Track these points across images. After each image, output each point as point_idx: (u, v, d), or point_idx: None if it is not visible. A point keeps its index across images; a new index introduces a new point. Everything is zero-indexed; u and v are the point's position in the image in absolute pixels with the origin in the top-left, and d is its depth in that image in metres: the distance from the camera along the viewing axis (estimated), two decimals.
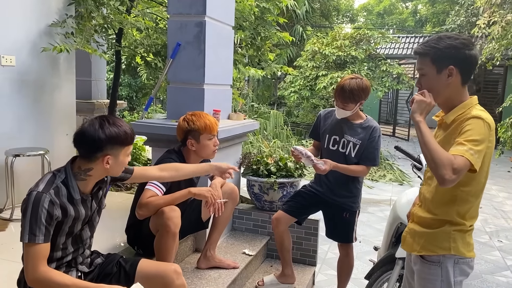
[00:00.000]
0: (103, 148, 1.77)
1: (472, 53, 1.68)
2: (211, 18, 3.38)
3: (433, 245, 1.79)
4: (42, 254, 1.69)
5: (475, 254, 1.86)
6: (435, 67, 1.71)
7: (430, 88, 1.73)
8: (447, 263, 1.77)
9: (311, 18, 16.62)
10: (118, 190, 4.65)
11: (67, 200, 1.77)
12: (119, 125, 1.81)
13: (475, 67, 1.72)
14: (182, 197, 2.52)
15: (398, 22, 27.30)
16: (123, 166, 1.90)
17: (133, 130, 1.89)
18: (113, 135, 1.77)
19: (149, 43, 4.80)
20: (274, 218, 3.11)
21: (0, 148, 3.53)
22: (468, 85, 1.79)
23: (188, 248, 3.29)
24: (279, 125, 10.63)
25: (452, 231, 1.76)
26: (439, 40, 1.71)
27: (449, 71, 1.68)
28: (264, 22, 5.08)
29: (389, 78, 10.96)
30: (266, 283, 3.21)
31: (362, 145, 2.87)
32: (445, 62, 1.68)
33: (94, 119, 1.82)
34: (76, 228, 1.86)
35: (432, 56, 1.70)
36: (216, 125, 2.73)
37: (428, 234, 1.81)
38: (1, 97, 3.60)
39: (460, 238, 1.77)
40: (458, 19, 14.81)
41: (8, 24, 3.62)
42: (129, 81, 13.86)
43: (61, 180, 1.78)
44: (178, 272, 2.03)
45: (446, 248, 1.76)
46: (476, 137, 1.60)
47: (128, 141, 1.84)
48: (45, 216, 1.68)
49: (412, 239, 1.89)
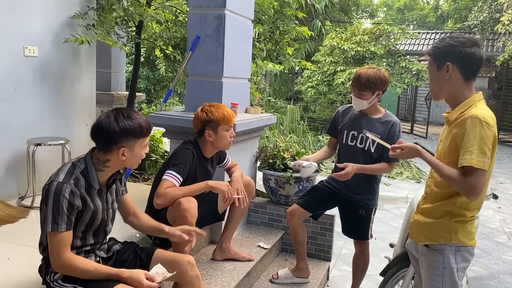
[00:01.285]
0: (118, 140, 1.81)
1: (469, 51, 1.80)
2: (231, 11, 3.38)
3: (435, 234, 1.92)
4: (65, 242, 1.75)
5: (476, 242, 1.97)
6: (436, 65, 1.89)
7: (434, 84, 1.92)
8: (448, 251, 1.90)
9: (330, 13, 16.48)
10: (136, 181, 4.72)
11: (85, 191, 1.82)
12: (133, 117, 1.84)
13: (477, 64, 1.84)
14: (199, 190, 2.55)
15: (418, 18, 26.85)
16: (140, 158, 1.92)
17: (149, 122, 1.91)
18: (127, 127, 1.80)
19: (168, 36, 4.83)
20: (289, 212, 3.11)
21: (22, 137, 3.60)
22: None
23: (204, 240, 3.32)
24: (295, 120, 10.60)
25: (452, 222, 1.88)
26: (441, 40, 1.90)
27: (446, 67, 1.84)
28: (283, 16, 5.06)
29: (409, 75, 10.83)
30: (280, 277, 3.22)
31: (381, 139, 2.83)
32: (443, 59, 1.85)
33: (110, 112, 1.86)
34: (97, 221, 1.90)
35: (433, 55, 1.90)
36: (233, 116, 2.75)
37: (430, 225, 1.94)
38: (23, 87, 3.67)
39: (460, 228, 1.89)
40: (481, 15, 14.51)
41: (32, 15, 3.68)
42: (147, 74, 13.98)
43: (81, 170, 1.83)
44: (192, 263, 2.05)
45: (447, 238, 1.89)
46: (478, 140, 1.73)
47: (143, 133, 1.86)
48: (67, 205, 1.73)
49: (417, 230, 2.02)
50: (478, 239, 4.98)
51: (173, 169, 2.51)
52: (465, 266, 1.94)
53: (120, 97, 5.73)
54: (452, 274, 1.89)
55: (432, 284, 1.93)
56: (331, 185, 3.04)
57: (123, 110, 1.86)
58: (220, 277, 2.84)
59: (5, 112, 3.54)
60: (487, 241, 5.05)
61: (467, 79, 1.86)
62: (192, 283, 2.04)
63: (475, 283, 3.87)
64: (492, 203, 6.47)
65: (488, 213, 6.16)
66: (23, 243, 2.67)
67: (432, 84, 1.94)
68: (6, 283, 2.19)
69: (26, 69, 3.67)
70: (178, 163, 2.55)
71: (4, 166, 3.58)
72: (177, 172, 2.51)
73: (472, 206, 1.89)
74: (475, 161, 1.71)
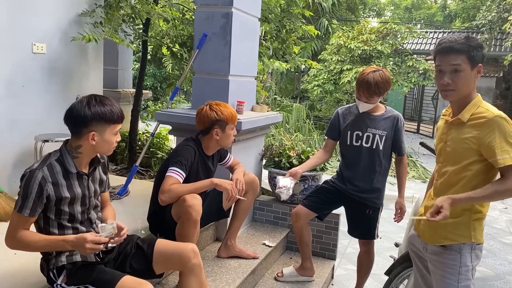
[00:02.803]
0: (88, 124, 1.84)
1: (485, 52, 1.85)
2: (238, 9, 3.38)
3: (455, 234, 1.91)
4: (24, 224, 1.83)
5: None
6: (469, 63, 1.81)
7: (464, 84, 1.83)
8: (465, 250, 1.90)
9: (337, 11, 16.43)
10: (142, 178, 4.74)
11: (62, 177, 1.85)
12: (106, 103, 1.88)
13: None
14: (204, 187, 2.56)
15: (426, 17, 26.69)
16: (111, 145, 1.94)
17: (122, 111, 1.94)
18: (98, 112, 1.84)
19: (175, 33, 4.84)
20: (294, 213, 3.08)
21: (30, 133, 3.63)
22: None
23: (209, 237, 3.33)
24: (301, 119, 10.58)
25: (472, 220, 1.89)
26: (470, 39, 1.82)
27: (478, 68, 1.83)
28: (289, 15, 5.06)
29: (415, 74, 10.78)
30: (285, 275, 3.23)
31: (388, 135, 2.84)
32: (477, 59, 1.81)
33: (83, 97, 1.90)
34: (76, 210, 1.92)
35: (468, 53, 1.80)
36: (236, 114, 2.80)
37: (449, 225, 1.90)
38: (32, 84, 3.70)
39: (478, 226, 1.90)
40: (489, 15, 14.40)
41: (40, 12, 3.70)
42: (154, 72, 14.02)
43: (56, 158, 1.88)
44: (195, 251, 2.08)
45: (467, 237, 1.89)
46: (510, 138, 1.77)
47: (113, 119, 1.89)
48: (36, 191, 1.78)
49: (431, 231, 1.98)
50: (485, 239, 4.96)
51: (176, 166, 2.52)
52: (477, 263, 1.97)
53: (127, 94, 5.76)
54: (467, 272, 1.90)
55: (447, 283, 1.92)
56: (337, 185, 3.01)
57: (96, 96, 1.90)
58: (225, 274, 2.85)
59: (14, 108, 3.57)
60: (493, 241, 5.03)
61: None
62: (194, 272, 2.07)
63: (480, 283, 3.86)
64: (499, 204, 6.43)
65: (494, 213, 6.12)
66: None
67: (461, 83, 1.84)
68: (12, 279, 2.22)
69: (34, 66, 3.70)
70: (180, 159, 2.56)
71: (12, 162, 3.61)
72: (180, 168, 2.52)
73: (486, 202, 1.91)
74: (506, 158, 1.75)
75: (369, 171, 2.88)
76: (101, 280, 1.87)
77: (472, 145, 1.83)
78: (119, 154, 5.27)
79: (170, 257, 2.07)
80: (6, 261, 2.38)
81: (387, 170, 2.98)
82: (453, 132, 1.94)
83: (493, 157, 1.78)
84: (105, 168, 2.13)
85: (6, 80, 3.48)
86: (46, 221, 1.89)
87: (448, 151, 1.95)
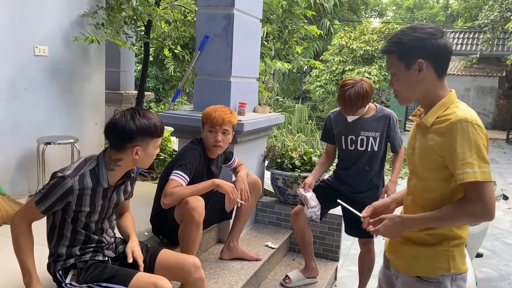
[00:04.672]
0: (133, 139, 1.82)
1: (441, 42, 1.49)
2: (240, 10, 3.38)
3: (432, 266, 1.57)
4: (32, 217, 1.85)
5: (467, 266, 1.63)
6: (403, 63, 1.53)
7: (404, 86, 1.56)
8: (446, 282, 1.57)
9: (339, 12, 16.42)
10: (144, 180, 4.74)
11: (90, 189, 1.83)
12: (149, 117, 1.85)
13: (449, 57, 1.54)
14: (206, 188, 2.55)
15: (428, 17, 26.63)
16: (152, 158, 1.93)
17: (162, 123, 1.92)
18: (144, 126, 1.82)
19: (177, 35, 4.84)
20: (293, 213, 3.08)
21: (32, 135, 3.63)
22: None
23: (212, 239, 3.32)
24: (303, 120, 10.57)
25: (451, 247, 1.56)
26: (403, 33, 1.54)
27: (418, 65, 1.50)
28: (291, 15, 5.06)
29: None
30: (293, 280, 3.18)
31: (381, 135, 2.83)
32: (413, 56, 1.50)
33: (126, 110, 1.87)
34: (93, 219, 1.91)
35: (398, 52, 1.53)
36: (222, 121, 2.63)
37: (424, 253, 1.58)
38: (34, 86, 3.70)
39: (458, 254, 1.57)
40: (491, 14, 14.35)
41: (42, 14, 3.71)
42: (156, 73, 14.03)
43: (91, 168, 1.85)
44: (197, 265, 2.05)
45: (445, 268, 1.56)
46: (476, 148, 1.42)
47: (157, 133, 1.88)
48: (58, 197, 1.78)
49: (403, 259, 1.65)
50: (488, 240, 4.94)
51: (180, 169, 2.52)
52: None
53: (129, 96, 5.76)
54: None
55: None
56: (334, 184, 3.02)
57: (139, 110, 1.88)
58: (227, 276, 2.84)
59: (16, 110, 3.57)
60: (497, 242, 5.01)
61: (441, 76, 1.54)
62: (197, 285, 2.05)
63: (484, 284, 3.84)
64: (502, 204, 6.40)
65: (498, 214, 6.08)
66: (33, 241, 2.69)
67: (399, 87, 1.57)
68: (17, 280, 2.21)
69: (36, 68, 3.71)
70: (185, 163, 2.55)
71: (15, 164, 3.62)
72: (183, 172, 2.51)
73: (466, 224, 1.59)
74: (479, 173, 1.39)
75: (365, 172, 2.88)
76: (116, 277, 1.85)
77: (437, 156, 1.50)
78: None
79: (171, 270, 2.05)
80: (9, 261, 2.38)
81: (383, 167, 2.98)
82: (419, 137, 1.61)
83: (453, 170, 1.44)
84: (133, 180, 2.11)
85: (8, 83, 3.49)
86: (62, 222, 1.89)
87: (414, 161, 1.63)
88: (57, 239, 1.91)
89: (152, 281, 1.82)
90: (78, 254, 1.91)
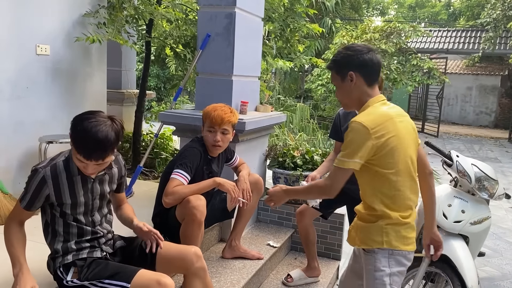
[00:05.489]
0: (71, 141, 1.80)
1: (367, 57, 1.86)
2: (241, 9, 3.38)
3: (369, 238, 1.90)
4: (19, 215, 1.90)
5: (413, 247, 1.93)
6: (339, 77, 1.92)
7: (343, 95, 1.95)
8: (380, 255, 1.87)
9: (341, 10, 16.38)
10: (146, 179, 4.74)
11: (65, 178, 1.85)
12: (88, 137, 1.71)
13: (375, 68, 1.89)
14: (208, 187, 2.55)
15: (430, 15, 26.58)
16: (81, 169, 1.86)
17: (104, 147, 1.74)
18: (76, 136, 1.74)
19: (178, 34, 4.84)
20: (298, 212, 3.09)
21: (34, 134, 3.63)
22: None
23: (214, 238, 3.32)
24: (305, 119, 10.54)
25: (384, 225, 1.86)
26: (338, 53, 1.95)
27: (349, 76, 1.88)
28: (293, 14, 5.05)
29: (420, 73, 10.74)
30: (295, 279, 3.18)
31: None
32: (344, 69, 1.88)
33: (110, 118, 1.79)
34: (79, 211, 1.92)
35: (335, 68, 1.93)
36: (220, 120, 2.61)
37: (365, 228, 1.93)
38: (35, 85, 3.70)
39: (393, 232, 1.86)
40: (494, 13, 14.32)
41: (44, 14, 3.71)
42: (157, 72, 14.04)
43: (64, 158, 1.88)
44: (198, 255, 2.06)
45: (379, 242, 1.87)
46: (347, 144, 1.80)
47: (81, 151, 1.74)
48: (34, 188, 1.82)
49: (355, 233, 2.00)
50: (491, 239, 4.93)
51: (180, 168, 2.52)
52: (401, 270, 1.90)
53: (131, 95, 5.76)
54: (383, 277, 1.86)
55: (368, 285, 1.93)
56: None
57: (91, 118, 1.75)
58: (229, 275, 2.84)
59: (18, 110, 3.57)
60: (499, 241, 5.00)
61: (370, 84, 1.89)
62: (198, 275, 2.05)
63: (486, 283, 3.83)
64: (505, 203, 6.39)
65: (500, 213, 6.09)
66: (34, 240, 2.68)
67: (340, 95, 1.98)
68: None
69: (38, 67, 3.70)
70: (186, 162, 2.55)
71: (17, 164, 3.62)
72: (184, 171, 2.51)
73: (397, 206, 1.85)
74: (338, 161, 1.81)
75: None
76: (118, 274, 1.86)
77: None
78: (123, 155, 5.27)
79: (173, 261, 2.05)
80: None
81: None
82: None
83: None
84: (121, 171, 2.10)
85: (10, 82, 3.49)
86: (53, 219, 1.92)
87: None
88: (52, 237, 1.94)
89: (155, 278, 1.82)
90: (74, 248, 1.92)
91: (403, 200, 1.87)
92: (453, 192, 2.76)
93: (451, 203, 2.68)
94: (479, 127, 18.22)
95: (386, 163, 1.80)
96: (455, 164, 2.75)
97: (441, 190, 2.81)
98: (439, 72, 10.95)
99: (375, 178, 1.85)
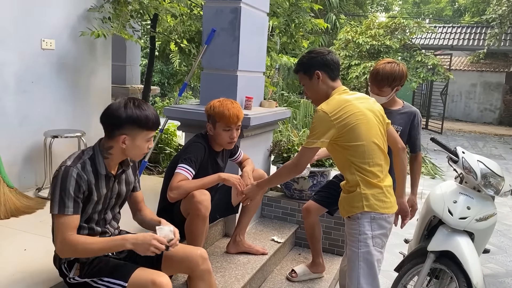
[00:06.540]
0: (121, 126, 1.81)
1: (328, 57, 2.22)
2: (246, 4, 3.36)
3: (351, 206, 2.17)
4: (71, 225, 1.76)
5: (392, 210, 2.20)
6: (307, 76, 2.25)
7: (312, 92, 2.27)
8: (363, 220, 2.14)
9: (345, 6, 16.31)
10: (150, 174, 4.75)
11: (93, 175, 1.84)
12: (143, 108, 1.84)
13: (335, 66, 2.24)
14: (212, 182, 2.55)
15: (435, 11, 26.44)
16: (142, 151, 1.91)
17: (158, 118, 1.89)
18: (133, 116, 1.81)
19: (183, 29, 4.83)
20: (305, 208, 3.08)
21: (39, 129, 3.65)
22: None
23: (218, 233, 3.33)
24: (308, 115, 10.53)
25: (362, 191, 2.13)
26: (303, 57, 2.28)
27: (316, 74, 2.22)
28: (298, 9, 5.03)
29: (424, 69, 10.67)
30: (299, 274, 3.18)
31: (404, 131, 2.80)
32: (311, 69, 2.22)
33: (123, 99, 1.87)
34: (97, 209, 1.92)
35: (302, 69, 2.26)
36: (237, 118, 2.63)
37: (348, 198, 2.21)
38: (41, 80, 3.71)
39: (371, 197, 2.13)
40: (499, 9, 14.21)
41: (49, 8, 3.71)
42: (161, 68, 14.03)
43: (89, 156, 1.86)
44: (204, 257, 2.05)
45: (359, 207, 2.13)
46: (312, 128, 2.12)
47: (148, 125, 1.85)
48: (74, 188, 1.75)
49: (341, 206, 2.29)
50: (495, 236, 4.92)
51: (185, 163, 2.52)
52: (383, 233, 2.17)
53: (135, 90, 5.77)
54: (367, 240, 2.13)
55: (351, 250, 2.18)
56: None
57: (135, 100, 1.86)
58: (234, 270, 2.85)
59: (23, 104, 3.58)
60: (504, 238, 4.99)
61: (333, 79, 2.24)
62: (203, 278, 2.04)
63: (491, 280, 3.82)
64: (509, 200, 6.37)
65: (505, 210, 6.07)
66: (40, 234, 2.71)
67: (310, 93, 2.28)
68: (24, 273, 2.23)
69: (43, 62, 3.71)
70: (190, 156, 2.55)
71: (22, 158, 3.63)
72: (189, 166, 2.51)
73: (369, 172, 2.12)
74: (305, 142, 2.15)
75: None
76: (117, 272, 1.86)
77: None
78: None
79: (178, 262, 2.04)
80: (18, 257, 2.40)
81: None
82: None
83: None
84: (135, 170, 2.12)
85: (16, 76, 3.50)
86: None
87: None
88: None
89: (151, 278, 1.81)
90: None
91: (374, 167, 2.14)
92: (459, 189, 2.75)
93: (456, 200, 2.66)
94: (483, 124, 18.14)
95: (351, 137, 2.09)
96: (461, 160, 2.74)
97: (446, 186, 2.81)
98: (444, 69, 10.87)
99: (346, 152, 2.14)
